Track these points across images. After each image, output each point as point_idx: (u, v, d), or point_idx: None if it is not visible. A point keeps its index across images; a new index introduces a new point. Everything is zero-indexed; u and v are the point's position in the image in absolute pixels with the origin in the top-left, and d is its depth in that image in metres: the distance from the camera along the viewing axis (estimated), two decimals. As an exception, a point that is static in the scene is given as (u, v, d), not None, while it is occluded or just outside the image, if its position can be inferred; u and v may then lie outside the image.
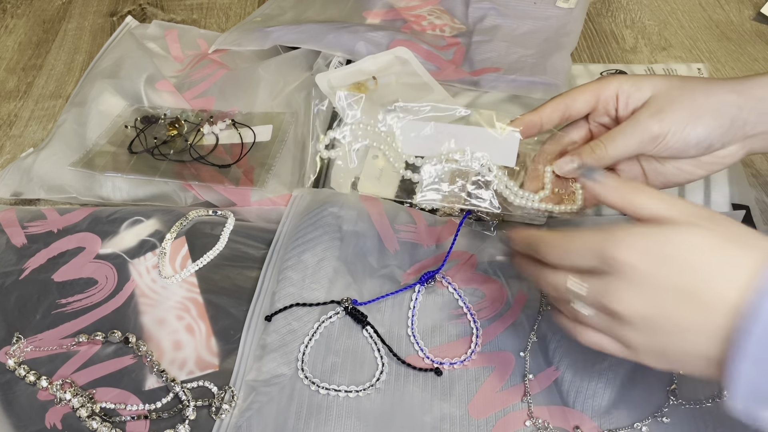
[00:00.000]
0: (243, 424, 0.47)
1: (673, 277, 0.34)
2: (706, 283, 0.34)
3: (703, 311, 0.34)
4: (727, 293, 0.33)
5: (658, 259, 0.34)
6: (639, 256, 0.35)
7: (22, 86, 0.81)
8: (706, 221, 0.35)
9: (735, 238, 0.34)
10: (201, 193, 0.65)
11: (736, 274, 0.33)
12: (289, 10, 0.84)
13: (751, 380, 0.32)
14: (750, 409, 0.33)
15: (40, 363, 0.52)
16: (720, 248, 0.34)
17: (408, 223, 0.60)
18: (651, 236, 0.35)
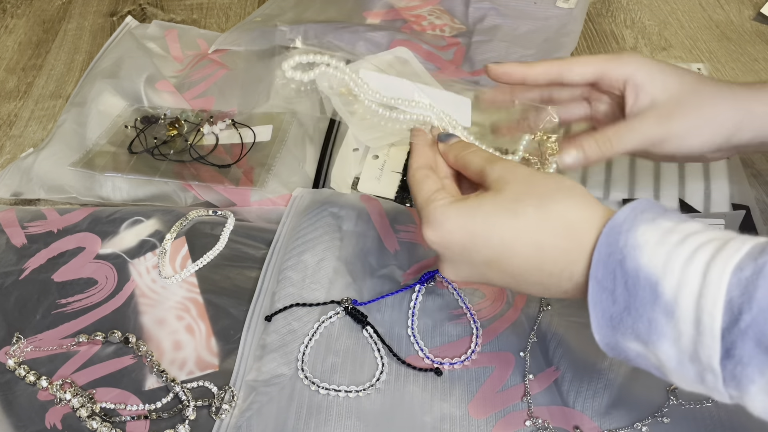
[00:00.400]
0: (243, 424, 0.47)
1: (481, 255, 0.37)
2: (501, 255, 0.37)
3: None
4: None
5: (462, 243, 0.37)
6: (445, 242, 0.38)
7: (22, 86, 0.81)
8: (517, 185, 0.37)
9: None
10: (201, 193, 0.65)
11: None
12: (289, 10, 0.84)
13: (602, 305, 0.33)
14: (608, 338, 0.34)
15: (40, 363, 0.52)
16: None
17: (408, 223, 0.60)
18: (458, 213, 0.38)
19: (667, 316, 0.31)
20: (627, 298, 0.32)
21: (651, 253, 0.31)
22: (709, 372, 0.30)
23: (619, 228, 0.33)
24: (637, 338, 0.32)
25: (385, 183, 0.63)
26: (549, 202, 0.36)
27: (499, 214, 0.36)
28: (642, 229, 0.32)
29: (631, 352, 0.33)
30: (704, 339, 0.29)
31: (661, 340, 0.31)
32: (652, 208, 0.34)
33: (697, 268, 0.30)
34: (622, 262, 0.32)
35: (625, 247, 0.32)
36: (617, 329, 0.33)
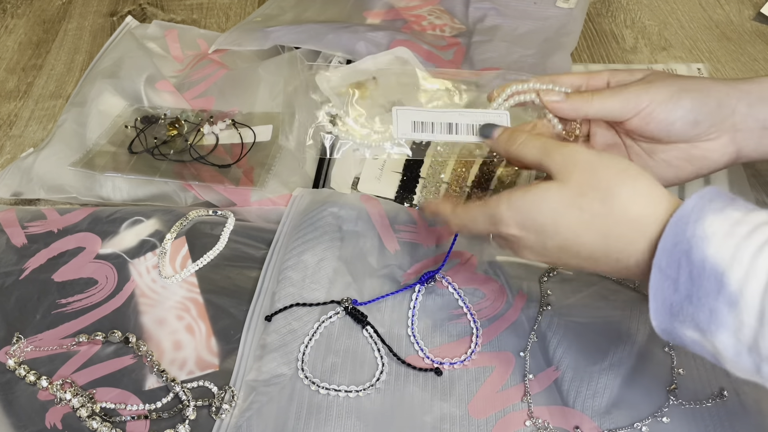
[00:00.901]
0: (243, 424, 0.47)
1: (554, 242, 0.39)
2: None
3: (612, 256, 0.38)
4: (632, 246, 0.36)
5: (534, 230, 0.39)
6: (519, 230, 0.39)
7: (22, 86, 0.81)
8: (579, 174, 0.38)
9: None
10: (201, 193, 0.65)
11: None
12: (289, 10, 0.84)
13: (663, 292, 0.34)
14: (666, 324, 0.34)
15: (40, 363, 0.52)
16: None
17: (408, 223, 0.60)
18: (524, 208, 0.39)
19: (730, 306, 0.31)
20: (690, 287, 0.33)
21: (719, 245, 0.32)
22: (767, 363, 0.31)
23: (687, 218, 0.34)
24: (695, 327, 0.33)
25: (385, 183, 0.63)
26: (613, 196, 0.36)
27: (566, 208, 0.38)
28: (710, 219, 0.33)
29: (687, 339, 0.34)
30: (767, 331, 0.30)
31: (720, 329, 0.32)
32: (720, 197, 0.34)
33: (765, 260, 0.30)
34: (688, 252, 0.33)
35: (692, 237, 0.33)
36: (676, 317, 0.34)
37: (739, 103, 0.44)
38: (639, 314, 0.51)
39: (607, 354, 0.49)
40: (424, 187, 0.62)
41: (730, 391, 0.47)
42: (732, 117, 0.44)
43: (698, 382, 0.48)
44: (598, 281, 0.54)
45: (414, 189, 0.62)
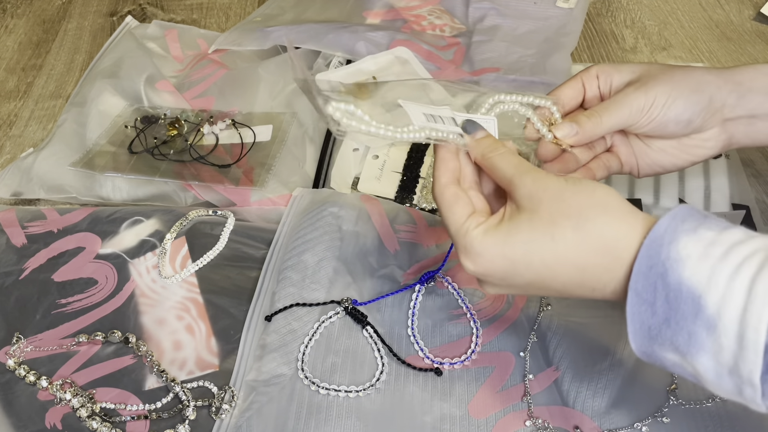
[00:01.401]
0: (243, 424, 0.47)
1: (523, 279, 0.38)
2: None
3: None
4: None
5: (503, 269, 0.38)
6: (486, 271, 0.38)
7: (22, 86, 0.81)
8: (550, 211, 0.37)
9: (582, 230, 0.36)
10: (201, 193, 0.65)
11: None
12: (289, 10, 0.84)
13: (640, 316, 0.33)
14: (645, 347, 0.34)
15: (40, 363, 0.52)
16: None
17: (408, 223, 0.60)
18: (493, 247, 0.37)
19: (708, 330, 0.31)
20: (667, 311, 0.32)
21: (694, 267, 0.31)
22: (749, 386, 0.30)
23: (660, 240, 0.33)
24: (675, 350, 0.32)
25: (385, 183, 0.63)
26: (585, 222, 0.35)
27: (538, 240, 0.36)
28: (684, 241, 0.32)
29: (667, 361, 0.34)
30: (747, 354, 0.29)
31: (700, 353, 0.31)
32: (693, 216, 0.33)
33: (742, 283, 0.30)
34: (663, 276, 0.32)
35: (667, 260, 0.32)
36: (655, 340, 0.33)
37: (729, 95, 0.45)
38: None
39: (607, 354, 0.49)
40: (424, 187, 0.62)
41: (730, 391, 0.47)
42: (722, 109, 0.46)
43: (698, 382, 0.48)
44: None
45: (414, 189, 0.62)
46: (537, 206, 0.37)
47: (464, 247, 0.38)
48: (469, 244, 0.38)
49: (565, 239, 0.36)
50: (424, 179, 0.62)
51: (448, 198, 0.40)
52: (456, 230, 0.39)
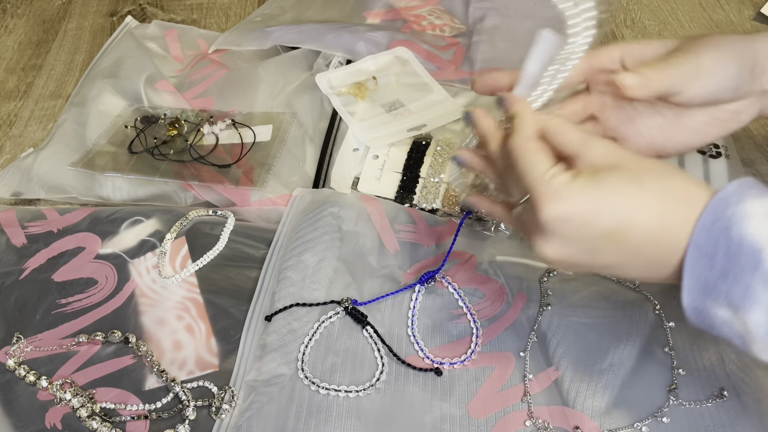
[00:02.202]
0: (243, 424, 0.47)
1: (602, 228, 0.37)
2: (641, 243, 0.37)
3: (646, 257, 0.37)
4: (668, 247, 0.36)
5: (585, 216, 0.36)
6: (568, 216, 0.37)
7: (22, 86, 0.81)
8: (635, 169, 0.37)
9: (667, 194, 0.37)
10: (201, 193, 0.65)
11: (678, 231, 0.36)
12: (289, 10, 0.84)
13: (698, 269, 0.35)
14: (698, 302, 0.35)
15: (40, 363, 0.52)
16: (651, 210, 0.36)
17: (408, 223, 0.60)
18: (582, 192, 0.37)
19: (765, 283, 0.32)
20: (726, 264, 0.33)
21: (758, 224, 0.33)
22: None
23: (727, 200, 0.35)
24: (728, 304, 0.34)
25: (385, 183, 0.63)
26: (669, 176, 0.37)
27: (624, 186, 0.36)
28: (750, 202, 0.34)
29: (717, 319, 0.35)
30: None
31: (754, 306, 0.33)
32: (759, 186, 0.36)
33: None
34: (727, 230, 0.34)
35: (732, 216, 0.34)
36: (709, 294, 0.34)
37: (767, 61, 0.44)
38: (639, 314, 0.51)
39: (607, 354, 0.49)
40: (424, 187, 0.62)
41: (730, 391, 0.47)
42: (762, 76, 0.44)
43: (698, 382, 0.48)
44: (598, 281, 0.54)
45: (414, 189, 0.62)
46: (618, 162, 0.37)
47: (547, 192, 0.37)
48: (555, 187, 0.37)
49: (651, 188, 0.36)
50: (424, 179, 0.62)
51: (533, 147, 0.39)
52: (539, 175, 0.38)
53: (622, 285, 0.54)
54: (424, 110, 0.68)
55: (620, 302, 0.52)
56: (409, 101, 0.69)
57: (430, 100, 0.69)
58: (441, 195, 0.61)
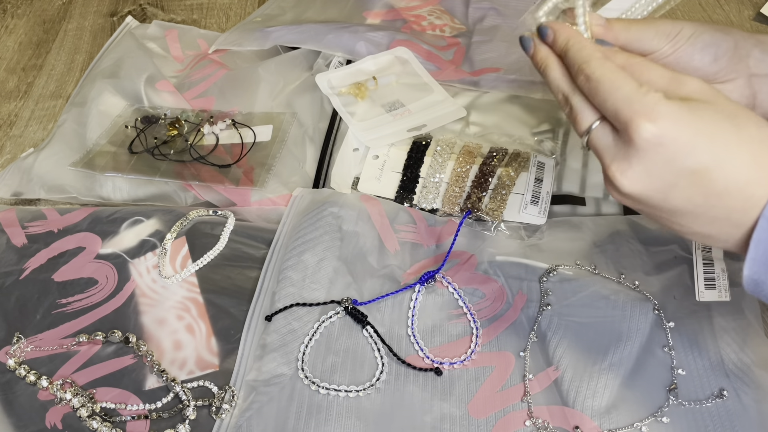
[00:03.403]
0: (243, 424, 0.47)
1: (694, 161, 0.34)
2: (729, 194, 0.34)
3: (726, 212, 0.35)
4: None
5: (682, 142, 0.34)
6: (665, 138, 0.34)
7: (23, 86, 0.81)
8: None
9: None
10: (201, 193, 0.65)
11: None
12: (289, 10, 0.84)
13: (765, 243, 0.33)
14: (759, 275, 0.34)
15: (40, 363, 0.52)
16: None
17: (408, 223, 0.60)
18: (685, 114, 0.34)
19: None
20: None
21: None
22: None
23: None
24: None
25: (385, 183, 0.63)
26: (766, 126, 0.34)
27: (724, 121, 0.34)
28: None
29: None
30: None
31: None
32: None
33: None
34: None
35: None
36: None
37: (754, 48, 0.44)
38: (639, 314, 0.51)
39: (607, 354, 0.49)
40: (424, 187, 0.62)
41: (730, 391, 0.47)
42: (747, 59, 0.44)
43: (698, 382, 0.48)
44: (598, 281, 0.54)
45: (414, 189, 0.62)
46: (714, 99, 0.35)
47: (644, 106, 0.34)
48: (653, 103, 0.34)
49: (749, 132, 0.34)
50: (424, 179, 0.62)
51: (613, 66, 0.36)
52: (634, 90, 0.35)
53: (622, 285, 0.54)
54: (424, 110, 0.68)
55: (620, 302, 0.52)
56: (409, 101, 0.69)
57: (430, 100, 0.69)
58: (441, 195, 0.61)
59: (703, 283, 0.53)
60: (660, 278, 0.54)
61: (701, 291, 0.52)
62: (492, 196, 0.59)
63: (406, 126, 0.66)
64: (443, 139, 0.65)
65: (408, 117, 0.67)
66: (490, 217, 0.59)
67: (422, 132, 0.66)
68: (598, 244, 0.57)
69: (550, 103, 0.68)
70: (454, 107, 0.68)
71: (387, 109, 0.69)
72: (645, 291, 0.53)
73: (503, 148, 0.63)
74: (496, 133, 0.66)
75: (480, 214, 0.59)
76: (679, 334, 0.50)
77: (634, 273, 0.54)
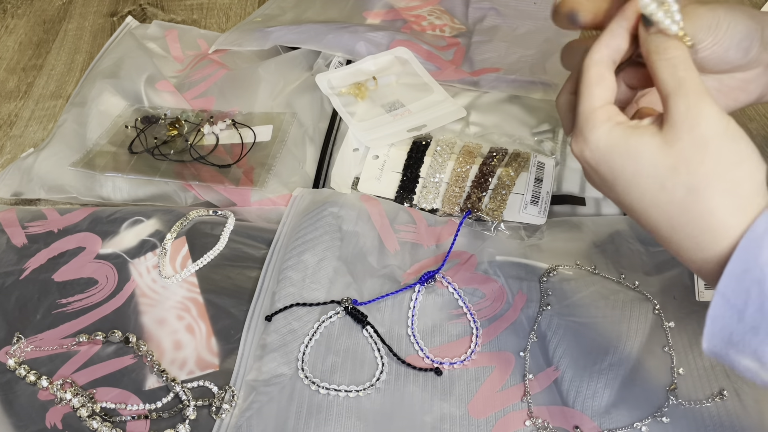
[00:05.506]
0: (243, 424, 0.47)
1: (620, 194, 0.35)
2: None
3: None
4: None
5: (605, 171, 0.35)
6: (594, 163, 0.36)
7: (23, 86, 0.81)
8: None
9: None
10: (201, 193, 0.65)
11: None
12: (289, 10, 0.84)
13: (724, 320, 0.31)
14: (719, 349, 0.32)
15: (40, 363, 0.52)
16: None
17: (408, 223, 0.60)
18: (610, 148, 0.35)
19: None
20: (759, 320, 0.30)
21: None
22: None
23: (759, 241, 0.30)
24: (755, 358, 0.31)
25: (385, 183, 0.63)
26: (703, 191, 0.32)
27: (649, 176, 0.33)
28: None
29: (739, 365, 0.32)
30: None
31: None
32: None
33: None
34: (761, 282, 0.29)
35: (766, 265, 0.29)
36: (735, 346, 0.31)
37: None
38: (639, 314, 0.51)
39: (607, 354, 0.49)
40: (424, 187, 0.62)
41: (730, 391, 0.47)
42: (766, 48, 0.41)
43: (698, 382, 0.48)
44: (598, 281, 0.54)
45: (414, 189, 0.62)
46: (676, 138, 0.33)
47: (582, 130, 0.36)
48: (591, 130, 0.35)
49: (674, 195, 0.33)
50: (424, 179, 0.62)
51: (592, 76, 0.36)
52: (588, 108, 0.36)
53: (622, 285, 0.54)
54: (424, 110, 0.68)
55: (620, 302, 0.52)
56: (409, 101, 0.69)
57: (430, 100, 0.69)
58: (441, 195, 0.61)
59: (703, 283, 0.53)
60: (660, 278, 0.54)
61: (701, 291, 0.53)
62: (492, 196, 0.59)
63: (406, 126, 0.66)
64: (443, 139, 0.65)
65: (408, 117, 0.67)
66: (490, 217, 0.59)
67: (422, 132, 0.66)
68: (598, 244, 0.57)
69: (550, 103, 0.68)
70: (454, 107, 0.68)
71: (387, 109, 0.69)
72: (645, 291, 0.53)
73: (503, 148, 0.63)
74: (496, 133, 0.66)
75: (480, 214, 0.59)
76: (679, 334, 0.50)
77: (634, 273, 0.54)
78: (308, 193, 0.63)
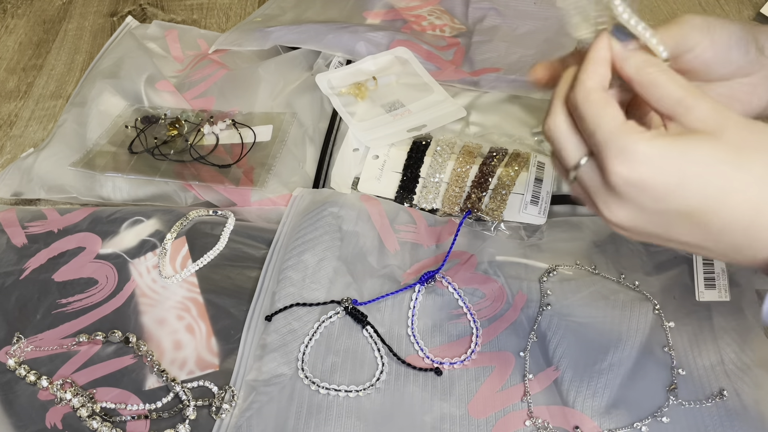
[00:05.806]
0: (243, 424, 0.47)
1: (684, 204, 0.32)
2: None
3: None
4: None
5: (666, 185, 0.31)
6: (645, 181, 0.31)
7: (23, 86, 0.81)
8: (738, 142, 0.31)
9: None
10: (201, 193, 0.65)
11: None
12: (290, 10, 0.84)
13: None
14: None
15: (40, 363, 0.52)
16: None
17: (408, 223, 0.60)
18: (667, 155, 0.31)
19: None
20: None
21: None
22: None
23: None
24: None
25: (385, 183, 0.63)
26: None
27: (721, 161, 0.31)
28: None
29: None
30: None
31: None
32: None
33: None
34: None
35: None
36: None
37: (767, 41, 0.41)
38: (639, 314, 0.51)
39: (607, 354, 0.49)
40: (424, 187, 0.62)
41: (730, 391, 0.47)
42: (764, 52, 0.41)
43: (698, 382, 0.48)
44: (598, 281, 0.54)
45: (414, 189, 0.62)
46: (719, 130, 0.31)
47: (622, 148, 0.31)
48: (632, 144, 0.31)
49: (751, 171, 0.31)
50: (424, 179, 0.62)
51: (598, 99, 0.33)
52: (612, 129, 0.32)
53: (622, 285, 0.54)
54: (424, 110, 0.68)
55: (620, 302, 0.52)
56: (409, 101, 0.69)
57: (430, 100, 0.69)
58: (441, 195, 0.61)
59: (703, 283, 0.53)
60: (660, 278, 0.54)
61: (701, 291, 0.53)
62: (492, 196, 0.59)
63: (406, 126, 0.66)
64: (443, 139, 0.65)
65: (408, 117, 0.67)
66: (490, 217, 0.59)
67: (422, 132, 0.66)
68: (598, 244, 0.57)
69: (550, 103, 0.68)
70: (454, 107, 0.68)
71: (387, 109, 0.69)
72: (645, 291, 0.53)
73: (503, 148, 0.63)
74: (496, 133, 0.66)
75: (480, 214, 0.59)
76: (679, 334, 0.50)
77: (634, 273, 0.54)
78: (308, 193, 0.63)
